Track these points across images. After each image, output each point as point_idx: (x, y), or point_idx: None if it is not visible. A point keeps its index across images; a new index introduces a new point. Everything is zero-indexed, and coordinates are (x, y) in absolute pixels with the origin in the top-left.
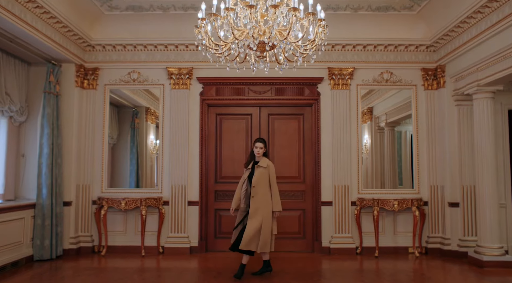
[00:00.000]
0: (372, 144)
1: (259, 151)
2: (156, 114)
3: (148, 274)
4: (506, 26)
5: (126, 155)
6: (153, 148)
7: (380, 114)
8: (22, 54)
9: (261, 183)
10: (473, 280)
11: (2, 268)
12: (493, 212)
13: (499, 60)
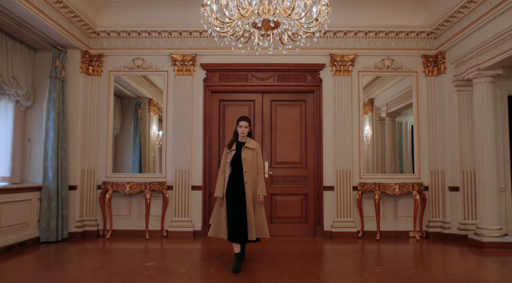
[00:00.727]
0: (373, 135)
1: (243, 130)
2: (159, 106)
3: (152, 253)
4: (506, 8)
5: (129, 146)
6: (156, 139)
7: (381, 105)
8: (28, 39)
9: (252, 167)
10: (473, 259)
11: (10, 247)
12: (492, 195)
13: (499, 43)
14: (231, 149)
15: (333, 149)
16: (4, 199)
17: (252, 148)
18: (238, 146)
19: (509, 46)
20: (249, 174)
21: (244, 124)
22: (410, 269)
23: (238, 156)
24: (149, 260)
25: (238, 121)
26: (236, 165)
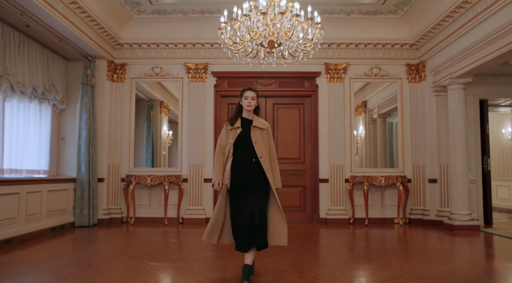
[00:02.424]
0: (366, 135)
1: (250, 102)
2: (169, 107)
3: (172, 235)
4: (473, 26)
5: (142, 145)
6: (166, 138)
7: (373, 107)
8: (63, 50)
9: (265, 151)
10: (446, 239)
11: (54, 228)
12: (463, 186)
13: (467, 55)
14: (234, 125)
15: (327, 146)
16: (49, 188)
17: (262, 128)
18: (245, 125)
19: (476, 58)
20: (265, 161)
21: (250, 95)
22: (392, 245)
23: (245, 137)
24: (172, 239)
25: (242, 92)
26: (242, 147)
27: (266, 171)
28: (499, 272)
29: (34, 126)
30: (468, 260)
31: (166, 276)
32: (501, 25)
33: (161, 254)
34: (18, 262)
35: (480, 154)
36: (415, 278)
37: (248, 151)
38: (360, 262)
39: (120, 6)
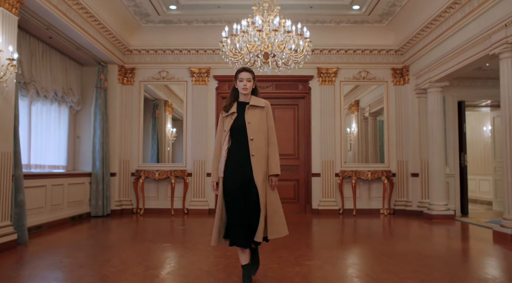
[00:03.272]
0: (358, 132)
1: (246, 85)
2: (173, 106)
3: (179, 223)
4: (446, 37)
5: (148, 142)
6: (170, 135)
7: (365, 106)
8: (78, 57)
9: (260, 132)
10: (422, 227)
11: (73, 217)
12: (440, 179)
13: (443, 62)
14: (229, 111)
15: (319, 144)
16: (69, 182)
17: (260, 106)
18: (241, 108)
19: (451, 65)
20: (257, 144)
21: (246, 76)
22: (374, 231)
23: (241, 121)
24: (179, 226)
25: (237, 74)
26: (238, 133)
27: (252, 157)
28: (455, 250)
29: (54, 126)
30: (434, 241)
31: (178, 253)
32: (470, 37)
33: (171, 237)
34: (52, 243)
35: (458, 151)
36: (383, 254)
37: (244, 136)
38: (344, 244)
39: (130, 17)
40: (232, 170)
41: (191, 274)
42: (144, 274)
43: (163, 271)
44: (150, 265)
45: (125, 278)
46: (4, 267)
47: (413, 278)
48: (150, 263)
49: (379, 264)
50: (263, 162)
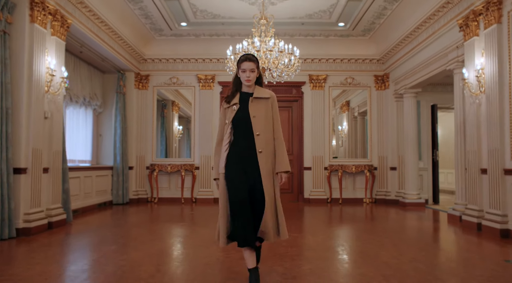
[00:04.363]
0: (348, 129)
1: (249, 76)
2: (179, 106)
3: (189, 210)
4: (418, 51)
5: (157, 139)
6: (177, 133)
7: (354, 106)
8: (101, 66)
9: (265, 126)
10: (399, 213)
11: (100, 204)
12: (413, 172)
13: (416, 72)
14: (231, 103)
15: (310, 141)
16: (96, 174)
17: (265, 97)
18: (243, 99)
19: (421, 75)
20: (264, 140)
21: (249, 67)
22: (359, 215)
23: (243, 113)
24: (189, 211)
25: (239, 63)
26: (242, 127)
27: (260, 154)
28: (417, 228)
29: (81, 126)
30: (404, 223)
31: (193, 229)
32: (434, 53)
33: (185, 219)
34: (91, 223)
35: (431, 148)
36: (364, 232)
37: (250, 130)
38: (332, 224)
39: (146, 31)
40: (236, 166)
41: (205, 240)
42: (169, 240)
43: (182, 239)
44: (172, 234)
45: (155, 243)
46: (62, 238)
47: (387, 248)
48: (171, 234)
49: (360, 239)
50: (270, 159)
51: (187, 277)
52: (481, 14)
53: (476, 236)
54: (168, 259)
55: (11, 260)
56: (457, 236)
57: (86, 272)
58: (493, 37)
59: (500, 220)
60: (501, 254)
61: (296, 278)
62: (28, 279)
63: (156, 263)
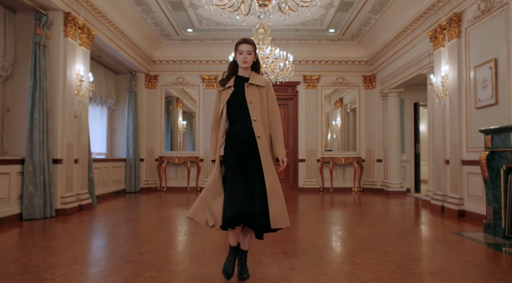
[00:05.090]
0: (341, 124)
1: (246, 58)
2: (183, 102)
3: (193, 197)
4: (399, 55)
5: (165, 133)
6: (182, 128)
7: (347, 103)
8: (114, 67)
9: (262, 113)
10: (383, 200)
11: (116, 192)
12: (396, 164)
13: (398, 74)
14: (225, 86)
15: (304, 136)
16: (112, 165)
17: (261, 86)
18: (239, 83)
19: (402, 76)
20: (262, 125)
21: (246, 49)
22: (348, 201)
23: (239, 96)
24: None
25: (236, 46)
26: (235, 109)
27: (259, 139)
28: (396, 211)
29: (98, 122)
30: (380, 207)
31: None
32: (412, 58)
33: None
34: (111, 207)
35: (414, 142)
36: (352, 214)
37: (245, 115)
38: (323, 208)
39: (156, 36)
40: (233, 151)
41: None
42: (178, 219)
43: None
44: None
45: (169, 220)
46: (92, 217)
47: (362, 224)
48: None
49: (348, 219)
50: (267, 144)
51: (192, 239)
52: (446, 29)
53: (439, 216)
54: (177, 230)
55: (59, 232)
56: (422, 216)
57: (115, 243)
58: (454, 48)
59: (458, 202)
60: (450, 228)
61: (284, 242)
62: (73, 246)
63: (168, 233)
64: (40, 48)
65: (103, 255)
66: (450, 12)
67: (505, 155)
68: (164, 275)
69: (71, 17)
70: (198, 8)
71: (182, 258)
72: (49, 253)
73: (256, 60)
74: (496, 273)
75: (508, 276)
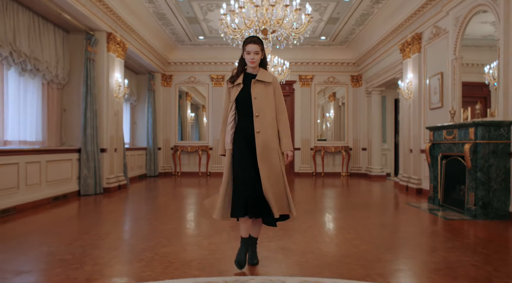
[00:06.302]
0: (335, 116)
1: (253, 58)
2: (191, 96)
3: (203, 180)
4: (380, 60)
5: (178, 125)
6: (190, 119)
7: (339, 97)
8: (136, 69)
9: (266, 108)
10: (365, 182)
11: (140, 176)
12: (377, 152)
13: (379, 75)
14: (235, 83)
15: (300, 127)
16: (136, 153)
17: (267, 82)
18: (247, 80)
19: (382, 78)
20: (263, 121)
21: (254, 49)
22: (337, 184)
23: (246, 93)
24: (205, 181)
25: (244, 45)
26: (244, 107)
27: (257, 134)
28: (375, 191)
29: (125, 116)
30: (360, 187)
31: (208, 191)
32: (389, 64)
33: (204, 186)
34: (142, 187)
35: (394, 133)
36: (339, 193)
37: (251, 111)
38: (316, 188)
39: (171, 42)
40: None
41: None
42: (197, 196)
43: (201, 195)
44: (193, 193)
45: (188, 197)
46: (129, 194)
47: (340, 197)
48: (193, 192)
49: (336, 197)
50: (273, 139)
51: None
52: (410, 44)
53: (404, 194)
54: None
55: (106, 204)
56: (390, 194)
57: (154, 211)
58: (416, 61)
59: (417, 182)
60: (406, 200)
61: None
62: (114, 212)
63: (187, 203)
64: (90, 62)
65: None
66: (413, 32)
67: (441, 146)
68: (180, 247)
69: (112, 36)
70: (209, 22)
71: (205, 230)
72: (99, 219)
73: (264, 57)
74: (427, 227)
75: (433, 228)
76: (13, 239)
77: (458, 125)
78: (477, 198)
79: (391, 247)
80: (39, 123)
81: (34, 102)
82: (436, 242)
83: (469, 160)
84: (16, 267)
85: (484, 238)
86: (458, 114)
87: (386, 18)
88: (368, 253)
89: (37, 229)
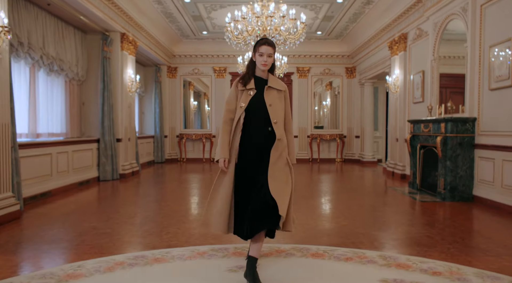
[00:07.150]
0: (331, 105)
1: (266, 61)
2: (194, 85)
3: (207, 166)
4: (371, 55)
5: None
6: (193, 108)
7: (335, 86)
8: (143, 62)
9: (281, 116)
10: (358, 168)
11: (149, 162)
12: (369, 139)
13: (371, 68)
14: (247, 86)
15: (297, 117)
16: (145, 141)
17: (280, 90)
18: (259, 85)
19: (374, 71)
20: (280, 128)
21: (267, 52)
22: (332, 169)
23: (260, 101)
24: (209, 166)
25: (256, 46)
26: (256, 113)
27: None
28: (366, 176)
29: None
30: (360, 173)
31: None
32: (379, 59)
33: (208, 170)
34: (151, 172)
35: (385, 122)
36: (334, 178)
37: (264, 119)
38: (312, 173)
39: (177, 37)
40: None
41: None
42: (202, 180)
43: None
44: (202, 178)
45: (195, 182)
46: (142, 179)
47: (344, 187)
48: (202, 176)
49: (330, 180)
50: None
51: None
52: (397, 43)
53: (390, 179)
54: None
55: (124, 188)
56: (377, 179)
57: (168, 194)
58: (402, 58)
59: (401, 169)
60: (390, 184)
61: None
62: (134, 195)
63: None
64: (106, 60)
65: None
66: (400, 32)
67: (419, 138)
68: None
69: (125, 36)
70: (213, 19)
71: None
72: (124, 201)
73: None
74: (402, 208)
75: (407, 208)
76: (60, 218)
77: (432, 120)
78: (446, 183)
79: (366, 223)
80: (63, 117)
81: (59, 99)
82: (404, 219)
83: (440, 151)
84: (72, 238)
85: (445, 216)
86: (435, 109)
87: (377, 18)
88: (346, 228)
89: (75, 209)
